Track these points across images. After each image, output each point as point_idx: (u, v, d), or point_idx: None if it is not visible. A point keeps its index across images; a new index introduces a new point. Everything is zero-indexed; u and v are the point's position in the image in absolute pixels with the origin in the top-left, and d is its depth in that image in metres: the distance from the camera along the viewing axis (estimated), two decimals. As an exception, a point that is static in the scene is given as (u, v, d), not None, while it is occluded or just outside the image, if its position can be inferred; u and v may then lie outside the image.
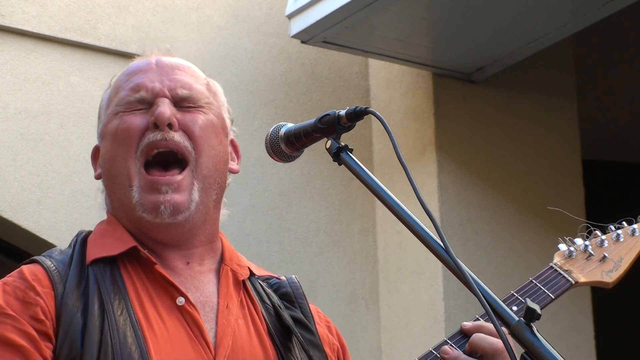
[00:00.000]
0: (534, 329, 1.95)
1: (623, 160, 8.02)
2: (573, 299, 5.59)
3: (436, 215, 5.58)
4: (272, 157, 2.30)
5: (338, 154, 2.18)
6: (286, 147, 2.27)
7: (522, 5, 5.32)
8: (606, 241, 2.69)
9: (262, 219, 5.59)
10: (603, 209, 7.28)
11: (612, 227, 2.73)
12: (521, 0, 5.30)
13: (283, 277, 2.47)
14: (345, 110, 2.19)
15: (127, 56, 5.44)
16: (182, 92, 2.36)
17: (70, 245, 2.36)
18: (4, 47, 5.20)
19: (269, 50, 5.83)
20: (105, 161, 2.37)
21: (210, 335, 2.25)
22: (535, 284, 2.51)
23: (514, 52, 5.67)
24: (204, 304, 2.29)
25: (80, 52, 5.35)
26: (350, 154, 2.18)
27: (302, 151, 2.30)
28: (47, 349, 2.17)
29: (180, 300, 2.26)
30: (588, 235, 2.71)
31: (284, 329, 2.35)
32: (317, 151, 2.42)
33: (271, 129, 2.29)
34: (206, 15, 5.67)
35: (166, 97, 2.35)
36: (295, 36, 5.50)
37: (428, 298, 5.59)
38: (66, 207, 5.16)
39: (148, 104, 2.35)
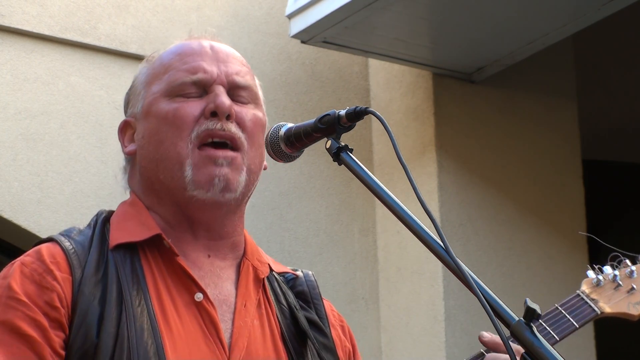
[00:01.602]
0: (534, 329, 1.95)
1: (623, 160, 8.02)
2: (573, 299, 5.58)
3: (436, 215, 5.58)
4: (272, 157, 2.30)
5: (338, 154, 2.18)
6: (286, 147, 2.26)
7: (522, 5, 5.32)
8: (635, 272, 2.65)
9: (262, 219, 5.59)
10: (603, 209, 7.29)
11: None
12: (521, 0, 5.30)
13: (299, 273, 2.45)
14: (345, 110, 2.18)
15: (127, 56, 5.45)
16: (238, 79, 2.34)
17: (89, 225, 2.32)
18: (4, 47, 5.20)
19: (269, 50, 5.83)
20: (150, 143, 2.32)
21: (225, 336, 2.23)
22: (561, 310, 2.49)
23: (514, 52, 5.67)
24: (221, 302, 2.27)
25: (80, 52, 5.35)
26: (350, 154, 2.18)
27: (302, 151, 2.29)
28: (58, 339, 2.13)
29: (199, 297, 2.23)
30: (618, 264, 2.67)
31: (299, 333, 2.33)
32: (317, 151, 2.42)
33: (271, 129, 2.29)
34: (206, 15, 5.67)
35: (223, 84, 2.32)
36: (295, 36, 5.50)
37: (428, 298, 5.59)
38: (66, 207, 5.15)
39: (202, 88, 2.32)
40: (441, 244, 2.04)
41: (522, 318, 1.97)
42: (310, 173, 5.78)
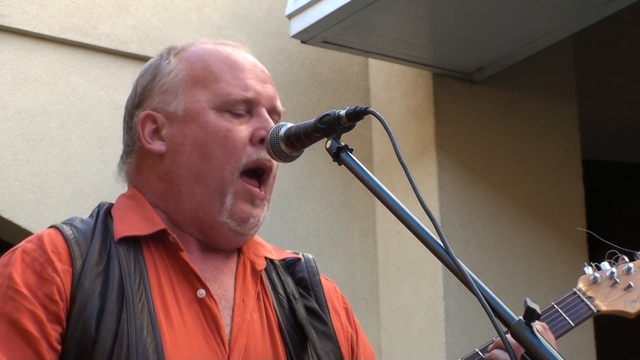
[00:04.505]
0: (534, 328, 1.95)
1: (623, 160, 8.03)
2: (573, 299, 5.58)
3: (436, 215, 5.58)
4: (272, 157, 2.30)
5: (338, 154, 2.18)
6: (286, 147, 2.26)
7: (522, 5, 5.32)
8: (633, 269, 2.63)
9: (262, 219, 5.58)
10: (603, 209, 7.29)
11: None
12: (521, 1, 5.30)
13: (301, 256, 2.48)
14: (345, 110, 2.18)
15: (127, 56, 5.45)
16: (278, 105, 2.38)
17: (92, 215, 2.31)
18: (4, 47, 5.20)
19: (269, 50, 5.82)
20: (193, 154, 2.31)
21: (225, 332, 2.23)
22: (557, 309, 2.49)
23: (514, 52, 5.67)
24: (220, 297, 2.27)
25: (80, 52, 5.35)
26: (350, 154, 2.18)
27: (302, 151, 2.29)
28: (55, 332, 2.13)
29: (201, 293, 2.24)
30: (615, 261, 2.65)
31: (297, 324, 2.33)
32: (317, 151, 2.43)
33: (271, 129, 2.29)
34: (206, 15, 5.67)
35: (266, 107, 2.34)
36: (295, 36, 5.50)
37: (428, 298, 5.59)
38: (66, 207, 5.15)
39: (249, 108, 2.33)
40: (441, 244, 2.04)
41: (522, 318, 1.97)
42: (310, 173, 5.78)
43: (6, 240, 5.26)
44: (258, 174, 2.34)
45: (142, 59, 5.29)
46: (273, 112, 2.36)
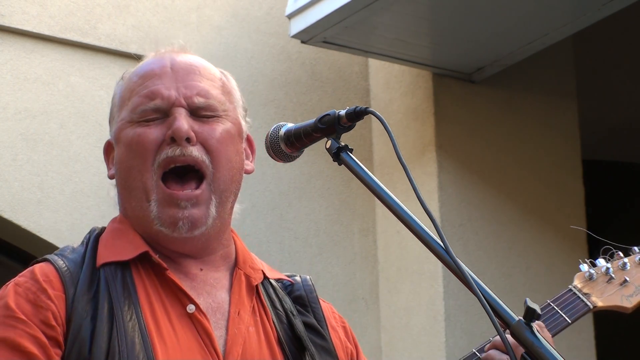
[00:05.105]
0: (534, 328, 1.95)
1: (623, 160, 8.02)
2: (573, 299, 5.58)
3: (436, 215, 5.58)
4: (272, 157, 2.30)
5: (338, 154, 2.19)
6: (286, 147, 2.26)
7: (522, 5, 5.32)
8: (628, 264, 2.63)
9: (262, 219, 5.59)
10: (603, 209, 7.29)
11: (637, 249, 2.66)
12: (521, 1, 5.30)
13: (297, 278, 2.45)
14: (345, 110, 2.19)
15: (127, 56, 5.45)
16: (198, 100, 2.33)
17: (82, 243, 2.34)
18: (4, 47, 5.19)
19: (269, 50, 5.83)
20: (121, 170, 2.35)
21: (219, 344, 2.23)
22: (553, 307, 2.49)
23: (514, 52, 5.67)
24: (215, 311, 2.28)
25: (80, 52, 5.35)
26: (350, 154, 2.18)
27: (302, 151, 2.29)
28: (57, 356, 2.15)
29: (191, 308, 2.24)
30: (610, 257, 2.65)
31: (296, 338, 2.33)
32: (317, 151, 2.42)
33: (271, 129, 2.29)
34: (206, 15, 5.67)
35: (182, 106, 2.31)
36: (295, 36, 5.50)
37: (428, 298, 5.59)
38: (66, 207, 5.15)
39: (163, 113, 2.31)
40: (441, 244, 2.04)
41: (522, 318, 1.97)
42: (310, 173, 5.78)
43: (6, 240, 5.26)
44: (182, 173, 2.30)
45: (142, 59, 5.28)
46: (195, 108, 2.33)
